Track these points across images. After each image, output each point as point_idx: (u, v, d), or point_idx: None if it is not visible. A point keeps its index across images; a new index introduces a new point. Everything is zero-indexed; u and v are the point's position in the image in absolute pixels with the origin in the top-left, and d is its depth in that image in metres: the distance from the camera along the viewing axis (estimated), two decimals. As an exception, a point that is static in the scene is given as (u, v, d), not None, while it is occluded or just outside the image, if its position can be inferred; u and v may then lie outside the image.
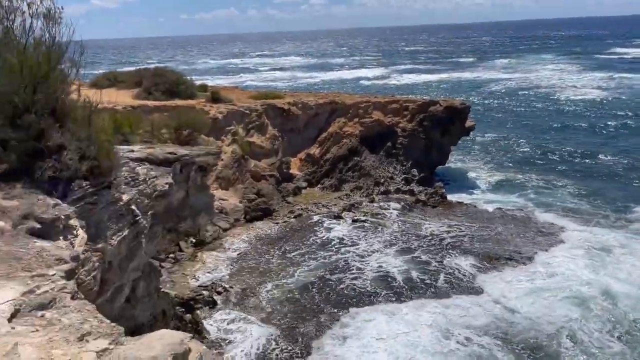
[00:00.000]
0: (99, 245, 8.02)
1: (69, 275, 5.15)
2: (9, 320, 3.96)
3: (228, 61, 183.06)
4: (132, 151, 11.72)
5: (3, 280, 4.61)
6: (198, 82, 44.10)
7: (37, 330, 3.93)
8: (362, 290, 22.58)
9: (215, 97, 36.15)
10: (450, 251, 26.30)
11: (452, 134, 40.30)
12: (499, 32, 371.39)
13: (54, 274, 4.96)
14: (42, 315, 4.18)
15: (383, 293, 22.26)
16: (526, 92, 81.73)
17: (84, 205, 7.82)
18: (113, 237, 8.53)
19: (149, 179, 10.69)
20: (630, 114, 60.32)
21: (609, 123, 56.23)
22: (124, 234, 8.86)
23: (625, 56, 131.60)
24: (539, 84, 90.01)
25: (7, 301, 4.16)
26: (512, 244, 26.89)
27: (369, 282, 23.30)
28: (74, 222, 6.69)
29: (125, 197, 9.04)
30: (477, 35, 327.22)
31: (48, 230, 6.20)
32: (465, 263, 24.83)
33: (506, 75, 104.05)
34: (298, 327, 19.76)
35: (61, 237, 6.24)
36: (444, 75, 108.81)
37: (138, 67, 52.72)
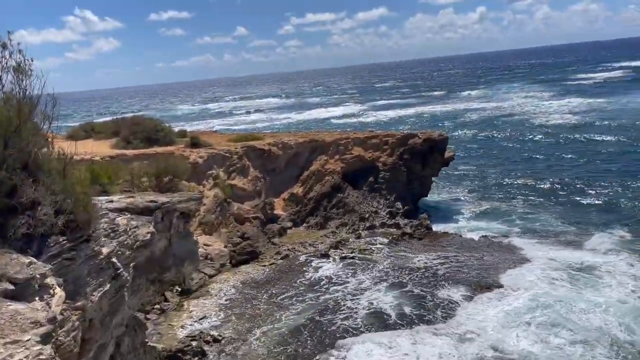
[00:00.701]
0: (79, 303, 7.61)
1: (45, 339, 4.80)
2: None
3: (205, 106, 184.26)
4: (112, 201, 11.40)
5: (-28, 350, 4.25)
6: (176, 129, 44.08)
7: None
8: (355, 328, 22.03)
9: (195, 142, 36.06)
10: (440, 282, 26.00)
11: (433, 166, 40.61)
12: (469, 64, 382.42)
13: (29, 339, 4.61)
14: (15, 388, 3.83)
15: (377, 329, 21.75)
16: (501, 120, 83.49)
17: (62, 261, 7.46)
18: (94, 293, 8.12)
19: (130, 229, 10.35)
20: (605, 137, 61.64)
21: (587, 146, 57.44)
22: (105, 288, 8.45)
23: (590, 81, 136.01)
24: (512, 112, 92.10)
25: (-24, 374, 3.81)
26: (499, 271, 26.72)
27: (361, 320, 22.77)
28: (50, 280, 6.33)
29: (105, 250, 8.67)
30: (449, 68, 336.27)
31: (22, 291, 5.83)
32: (456, 294, 24.52)
33: (480, 105, 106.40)
34: (291, 373, 19.08)
35: (37, 298, 5.87)
36: (419, 109, 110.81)
37: (115, 117, 52.61)
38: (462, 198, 42.65)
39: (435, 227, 34.87)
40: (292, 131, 56.74)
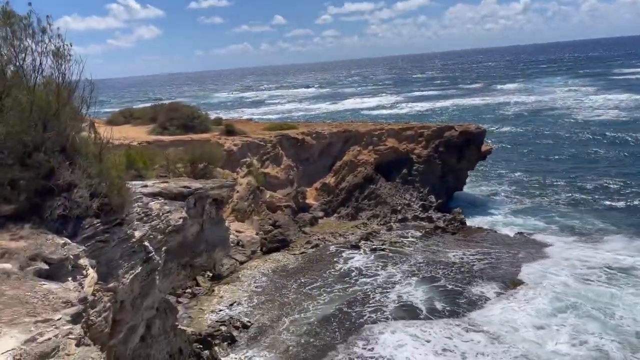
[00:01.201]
0: (111, 285, 7.78)
1: (76, 319, 4.90)
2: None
3: (242, 95, 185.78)
4: (146, 186, 11.60)
5: (6, 327, 4.36)
6: (212, 116, 44.59)
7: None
8: (384, 320, 21.90)
9: (230, 129, 36.39)
10: (473, 278, 25.57)
11: (469, 159, 39.83)
12: (511, 56, 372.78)
13: (60, 319, 4.71)
14: (44, 366, 3.91)
15: (407, 321, 21.58)
16: (541, 115, 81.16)
17: (95, 243, 7.62)
18: (125, 276, 8.29)
19: (163, 214, 10.51)
20: None
21: (633, 144, 55.20)
22: (137, 271, 8.62)
23: (638, 75, 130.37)
24: (553, 106, 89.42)
25: (7, 351, 3.91)
26: (533, 268, 26.06)
27: (390, 313, 22.62)
28: (83, 261, 6.47)
29: (137, 234, 8.83)
30: (489, 60, 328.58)
31: (56, 271, 5.98)
32: (490, 291, 24.06)
33: (520, 99, 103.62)
34: (318, 362, 19.14)
35: (70, 278, 6.01)
36: (456, 101, 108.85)
37: (153, 103, 53.53)
38: (498, 193, 41.73)
39: (470, 222, 34.26)
40: (326, 121, 56.62)
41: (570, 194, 39.58)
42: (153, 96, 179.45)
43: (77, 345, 4.35)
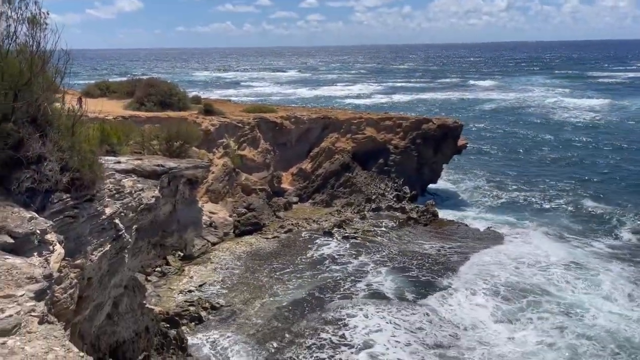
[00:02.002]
0: (78, 261, 7.64)
1: (40, 295, 4.79)
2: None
3: (221, 75, 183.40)
4: (119, 162, 11.40)
5: (-35, 301, 4.24)
6: (191, 94, 43.89)
7: (-2, 359, 3.57)
8: (354, 305, 22.14)
9: (208, 109, 35.90)
10: (440, 270, 25.98)
11: (445, 152, 40.22)
12: (492, 52, 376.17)
13: (23, 295, 4.60)
14: (4, 343, 3.81)
15: (376, 307, 21.89)
16: (518, 112, 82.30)
17: (64, 218, 7.46)
18: (94, 253, 8.15)
19: (135, 191, 10.35)
20: (629, 137, 60.76)
21: (608, 145, 56.38)
22: (106, 249, 8.48)
23: (614, 79, 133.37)
24: (530, 104, 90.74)
25: (-34, 326, 3.80)
26: (501, 263, 26.61)
27: (359, 300, 22.86)
28: (50, 236, 6.32)
29: (108, 211, 8.68)
30: (471, 55, 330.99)
31: (22, 245, 5.83)
32: (456, 282, 24.51)
33: (499, 96, 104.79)
34: (287, 346, 19.27)
35: (35, 253, 5.87)
36: (436, 94, 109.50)
37: (131, 77, 52.40)
38: (472, 187, 42.28)
39: (442, 214, 34.62)
40: (306, 106, 56.35)
41: (543, 192, 40.30)
42: (132, 70, 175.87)
43: (40, 323, 4.25)
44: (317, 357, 18.66)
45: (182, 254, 26.58)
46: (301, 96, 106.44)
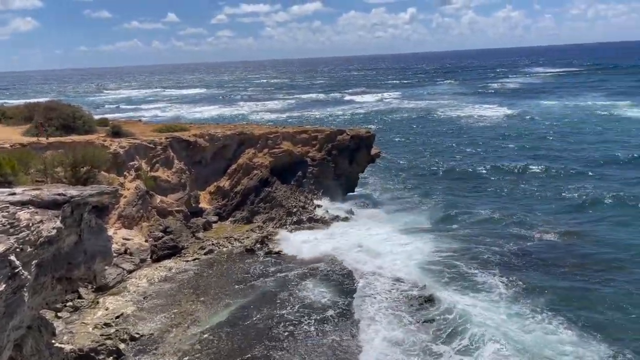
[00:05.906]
0: (-33, 306, 6.94)
1: None
2: None
3: (129, 94, 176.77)
4: (14, 194, 10.58)
5: None
6: (98, 117, 41.92)
7: None
8: (284, 323, 21.91)
9: (116, 131, 34.43)
10: (365, 275, 26.46)
11: (359, 162, 41.20)
12: (398, 63, 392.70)
13: None
14: None
15: (306, 322, 21.81)
16: (426, 120, 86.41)
17: (-53, 260, 6.76)
18: (-14, 295, 7.45)
19: (33, 224, 9.62)
20: (511, 133, 66.37)
21: (509, 149, 60.33)
22: (0, 289, 7.78)
23: (510, 85, 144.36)
24: (436, 112, 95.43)
25: None
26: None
27: (287, 315, 22.68)
28: None
29: (1, 248, 7.99)
30: (379, 67, 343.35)
31: None
32: (383, 285, 25.06)
33: (409, 105, 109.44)
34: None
35: None
36: (346, 107, 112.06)
37: (28, 101, 49.25)
38: (384, 194, 43.12)
39: (360, 222, 35.22)
40: (220, 123, 55.55)
41: (449, 196, 41.78)
42: (30, 92, 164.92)
43: None
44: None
45: (95, 286, 25.06)
46: (214, 113, 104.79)
